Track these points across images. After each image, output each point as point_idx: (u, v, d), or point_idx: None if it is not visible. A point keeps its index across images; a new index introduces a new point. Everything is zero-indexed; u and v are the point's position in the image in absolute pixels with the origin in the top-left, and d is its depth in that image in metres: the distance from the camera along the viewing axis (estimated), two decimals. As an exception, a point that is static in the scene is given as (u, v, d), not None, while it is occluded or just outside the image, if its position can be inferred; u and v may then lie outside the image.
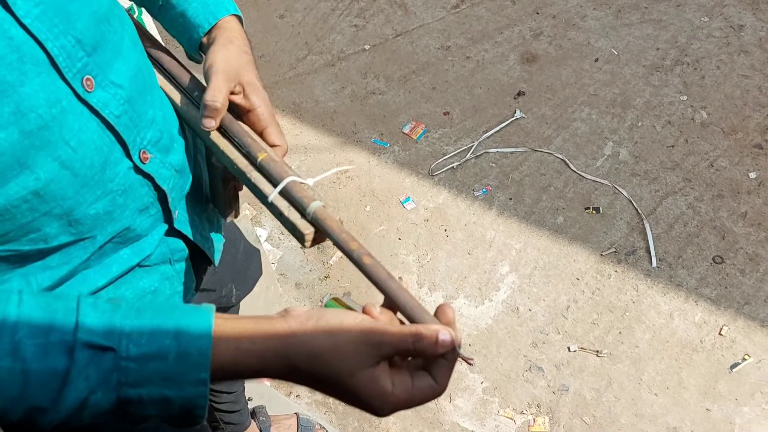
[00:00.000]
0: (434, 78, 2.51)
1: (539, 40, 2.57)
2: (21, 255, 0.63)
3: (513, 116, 2.34)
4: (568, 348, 1.75)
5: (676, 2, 2.58)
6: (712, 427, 1.61)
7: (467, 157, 2.24)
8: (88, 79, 0.61)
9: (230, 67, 0.73)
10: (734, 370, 1.67)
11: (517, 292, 1.88)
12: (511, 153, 2.24)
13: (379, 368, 0.51)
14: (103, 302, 0.50)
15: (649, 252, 1.91)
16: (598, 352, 1.74)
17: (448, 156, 2.25)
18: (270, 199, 0.68)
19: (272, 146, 0.74)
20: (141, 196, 0.71)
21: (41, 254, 0.65)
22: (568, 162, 2.17)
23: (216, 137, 0.74)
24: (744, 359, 1.68)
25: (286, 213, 0.67)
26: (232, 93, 0.73)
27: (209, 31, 0.78)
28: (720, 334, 1.73)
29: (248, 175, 0.71)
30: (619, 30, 2.56)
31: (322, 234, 0.65)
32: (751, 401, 1.63)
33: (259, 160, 0.70)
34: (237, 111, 0.75)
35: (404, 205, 2.12)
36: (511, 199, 2.11)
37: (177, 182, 0.76)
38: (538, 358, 1.75)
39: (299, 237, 0.67)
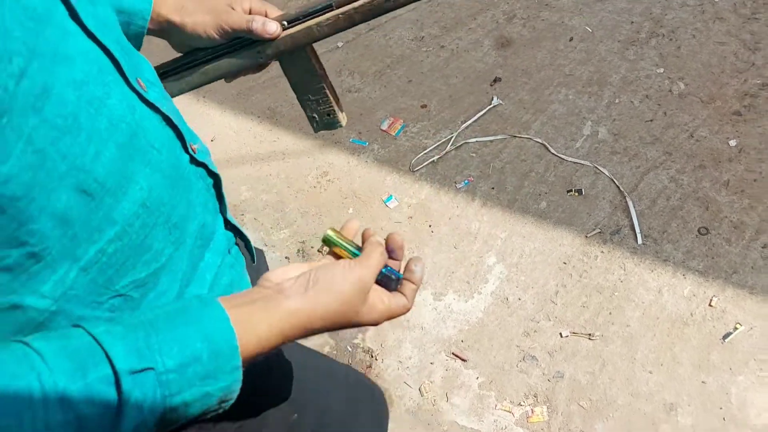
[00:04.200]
0: (409, 70, 2.49)
1: (513, 23, 2.55)
2: (139, 284, 0.61)
3: (490, 103, 2.32)
4: (560, 334, 1.75)
5: (647, -27, 2.56)
6: (708, 399, 1.61)
7: (447, 149, 2.23)
8: (139, 80, 0.62)
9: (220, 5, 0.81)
10: (727, 340, 1.66)
11: (506, 282, 1.88)
12: (491, 141, 2.23)
13: (371, 298, 0.63)
14: (106, 327, 0.50)
15: (633, 230, 1.90)
16: (590, 335, 1.73)
17: (428, 150, 2.24)
18: None
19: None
20: (201, 190, 0.72)
21: (155, 277, 0.63)
22: (547, 146, 2.16)
23: (285, 35, 0.82)
24: (736, 328, 1.67)
25: None
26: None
27: None
28: (710, 305, 1.73)
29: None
30: (592, 6, 2.54)
31: None
32: (745, 369, 1.62)
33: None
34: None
35: (387, 203, 2.12)
36: (493, 188, 2.10)
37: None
38: (530, 347, 1.75)
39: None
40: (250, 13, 0.82)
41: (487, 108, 2.30)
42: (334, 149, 2.29)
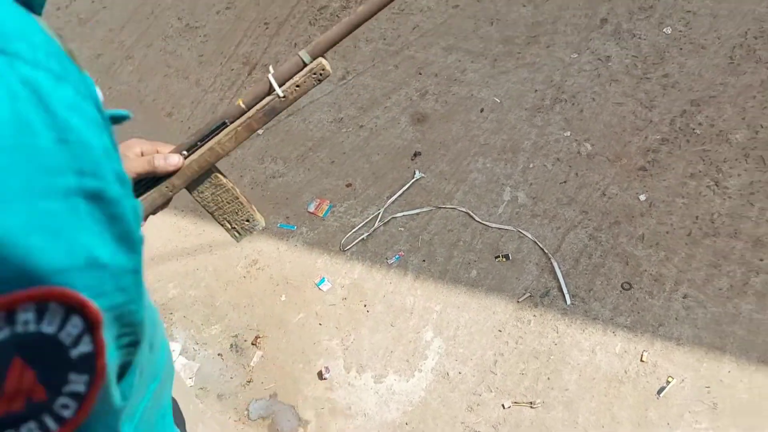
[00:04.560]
0: (331, 152, 2.53)
1: (426, 100, 2.65)
2: None
3: (413, 177, 2.38)
4: (503, 405, 1.76)
5: (546, 44, 2.72)
6: (652, 455, 1.64)
7: (375, 225, 2.25)
8: None
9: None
10: (661, 394, 1.71)
11: (445, 356, 1.88)
12: (417, 214, 2.27)
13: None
14: None
15: (561, 291, 1.96)
16: (531, 403, 1.75)
17: (357, 228, 2.26)
18: (280, 91, 0.83)
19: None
20: None
21: None
22: (471, 214, 2.22)
23: (189, 162, 0.85)
24: (668, 381, 1.72)
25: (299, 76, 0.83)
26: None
27: None
28: (642, 360, 1.78)
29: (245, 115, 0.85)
30: (497, 78, 2.67)
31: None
32: (681, 422, 1.67)
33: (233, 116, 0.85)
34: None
35: (320, 286, 2.10)
36: (424, 260, 2.13)
37: None
38: (475, 422, 1.74)
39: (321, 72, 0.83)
40: (143, 156, 0.84)
41: (411, 182, 2.36)
42: (262, 236, 2.28)
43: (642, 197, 2.16)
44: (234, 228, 0.96)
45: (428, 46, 2.77)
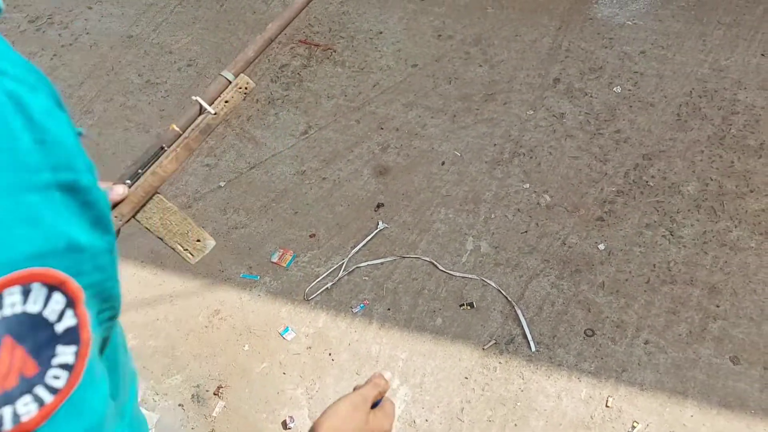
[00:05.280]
0: (294, 203, 2.53)
1: (388, 153, 2.70)
2: None
3: (377, 228, 2.39)
4: (471, 453, 1.73)
5: (503, 101, 2.82)
6: (621, 502, 1.62)
7: (340, 275, 2.24)
8: None
9: None
10: (628, 438, 1.71)
11: (411, 404, 1.85)
12: (381, 264, 2.27)
13: (371, 413, 0.80)
14: None
15: (526, 338, 1.97)
16: (500, 450, 1.72)
17: (321, 277, 2.24)
18: (211, 109, 0.86)
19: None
20: None
21: None
22: (435, 263, 2.23)
23: (134, 188, 0.87)
24: (633, 426, 1.73)
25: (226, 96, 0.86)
26: None
27: None
28: (607, 406, 1.79)
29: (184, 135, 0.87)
30: (457, 133, 2.74)
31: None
32: (649, 466, 1.67)
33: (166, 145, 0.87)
34: None
35: (284, 336, 2.06)
36: (389, 309, 2.11)
37: None
38: (443, 471, 1.71)
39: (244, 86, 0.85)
40: None
41: (374, 232, 2.37)
42: (224, 286, 2.23)
43: (601, 246, 2.22)
44: (186, 249, 0.95)
45: (389, 102, 2.84)
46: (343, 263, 2.27)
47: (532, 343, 1.94)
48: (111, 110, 2.98)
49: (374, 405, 0.83)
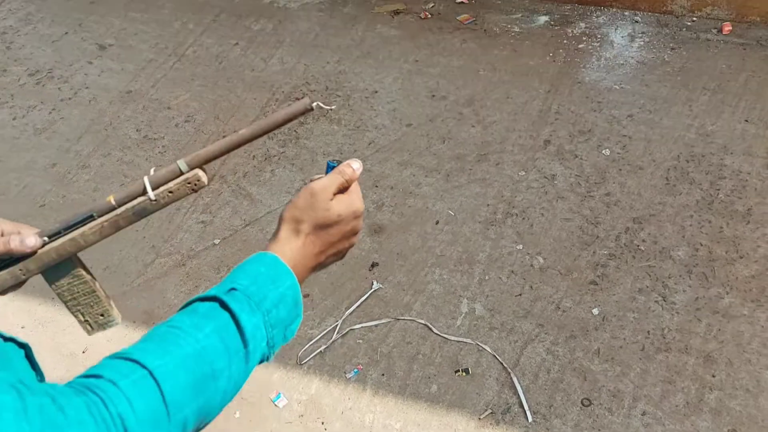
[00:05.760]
0: (289, 262, 2.53)
1: (383, 211, 2.72)
2: None
3: (371, 288, 2.39)
4: None
5: (495, 161, 2.87)
6: None
7: (333, 337, 2.23)
8: None
9: None
10: None
11: (407, 476, 1.83)
12: (376, 326, 2.26)
13: (335, 198, 0.83)
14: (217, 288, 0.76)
15: (522, 407, 1.96)
16: None
17: (314, 340, 2.23)
18: (152, 194, 0.84)
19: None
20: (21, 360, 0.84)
21: None
22: (430, 326, 2.23)
23: (48, 249, 0.84)
24: (631, 500, 1.71)
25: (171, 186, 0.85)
26: None
27: None
28: (604, 477, 1.77)
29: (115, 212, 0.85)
30: (451, 192, 2.78)
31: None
32: None
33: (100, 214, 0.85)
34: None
35: (276, 402, 2.04)
36: (383, 374, 2.10)
37: None
38: None
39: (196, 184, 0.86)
40: (2, 236, 0.84)
41: (369, 293, 2.37)
42: (217, 349, 2.21)
43: (595, 311, 2.23)
44: (86, 321, 0.94)
45: (384, 160, 2.87)
46: (337, 325, 2.26)
47: (528, 413, 1.93)
48: (108, 165, 3.00)
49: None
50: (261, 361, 0.77)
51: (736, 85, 2.95)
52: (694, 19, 3.35)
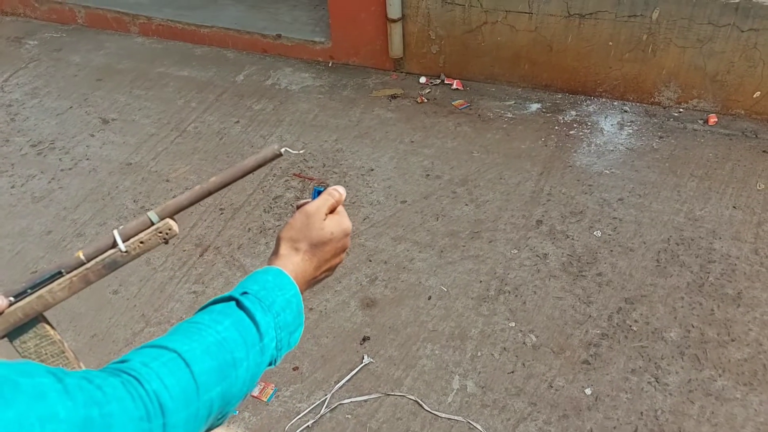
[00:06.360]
0: (279, 334, 2.50)
1: (375, 285, 2.72)
2: None
3: (362, 362, 2.36)
4: None
5: (488, 239, 2.90)
6: None
7: (322, 412, 2.18)
8: None
9: None
10: None
11: None
12: (365, 401, 2.22)
13: (327, 218, 0.91)
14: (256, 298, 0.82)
15: (514, 487, 1.89)
16: None
17: (302, 414, 2.17)
18: (122, 246, 0.86)
19: None
20: None
21: None
22: (421, 403, 2.19)
23: (14, 308, 0.82)
24: None
25: (143, 236, 0.87)
26: None
27: None
28: None
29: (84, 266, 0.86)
30: (444, 268, 2.79)
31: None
32: None
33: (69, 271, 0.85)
34: None
35: (261, 477, 1.97)
36: (371, 451, 2.04)
37: None
38: None
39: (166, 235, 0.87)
40: None
41: (359, 367, 2.34)
42: (202, 420, 2.15)
43: (587, 390, 2.20)
44: None
45: (378, 236, 2.91)
46: (326, 399, 2.21)
47: (520, 493, 1.87)
48: (103, 233, 3.01)
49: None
50: (270, 364, 0.82)
51: (723, 173, 3.04)
52: (681, 110, 3.50)
